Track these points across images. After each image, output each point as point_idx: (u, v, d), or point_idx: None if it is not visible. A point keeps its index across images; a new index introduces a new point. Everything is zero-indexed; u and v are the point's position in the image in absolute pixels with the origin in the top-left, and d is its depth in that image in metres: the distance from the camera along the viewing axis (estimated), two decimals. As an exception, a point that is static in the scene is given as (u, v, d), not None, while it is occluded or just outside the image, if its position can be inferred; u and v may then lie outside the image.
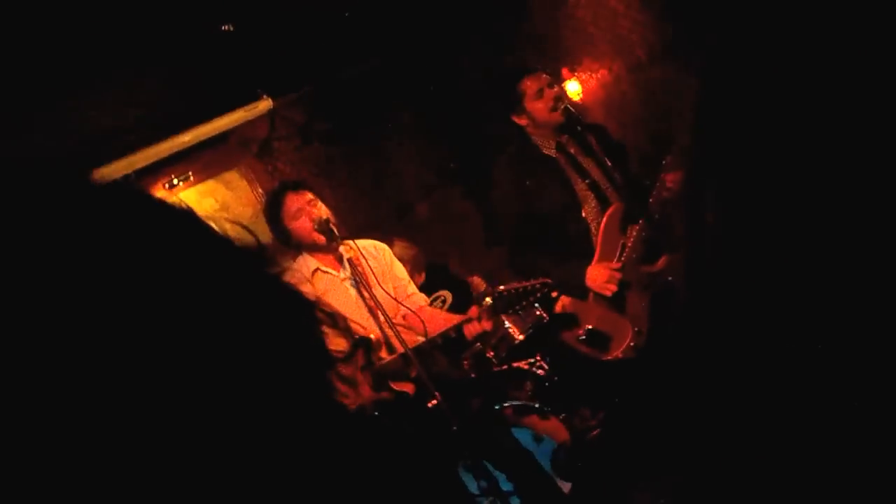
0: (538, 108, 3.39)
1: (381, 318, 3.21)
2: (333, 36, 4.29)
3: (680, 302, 3.61)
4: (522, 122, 3.46)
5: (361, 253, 3.33)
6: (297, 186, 3.32)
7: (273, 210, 3.29)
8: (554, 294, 3.28)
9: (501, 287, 3.18)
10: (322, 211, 3.23)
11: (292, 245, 3.38)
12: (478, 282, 4.33)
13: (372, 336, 3.19)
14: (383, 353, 3.21)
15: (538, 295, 3.16)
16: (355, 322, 3.25)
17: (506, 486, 3.26)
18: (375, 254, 3.46)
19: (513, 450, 3.40)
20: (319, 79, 4.54)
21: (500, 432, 3.43)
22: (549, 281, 3.15)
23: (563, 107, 3.41)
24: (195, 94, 4.23)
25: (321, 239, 3.18)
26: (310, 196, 3.26)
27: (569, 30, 4.37)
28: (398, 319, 3.39)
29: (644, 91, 4.16)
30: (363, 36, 4.32)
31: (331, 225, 3.20)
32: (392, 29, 4.35)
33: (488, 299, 3.18)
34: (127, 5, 3.62)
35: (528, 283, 3.15)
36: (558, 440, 3.65)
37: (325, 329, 3.39)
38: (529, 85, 3.39)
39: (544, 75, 3.43)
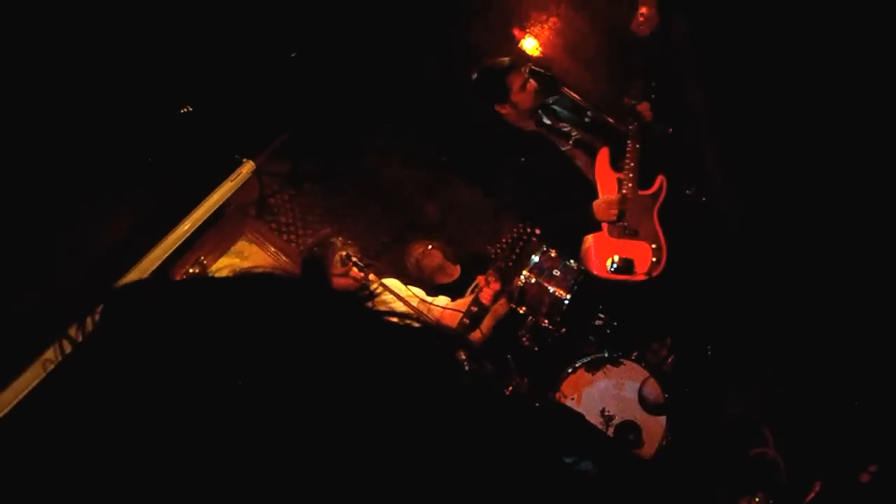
0: (523, 98, 3.83)
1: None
2: (289, 79, 4.30)
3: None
4: (505, 110, 3.89)
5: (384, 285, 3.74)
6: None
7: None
8: (537, 231, 3.61)
9: (490, 249, 3.63)
10: (342, 248, 3.69)
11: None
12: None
13: None
14: None
15: (525, 239, 3.58)
16: None
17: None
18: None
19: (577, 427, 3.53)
20: (289, 123, 4.56)
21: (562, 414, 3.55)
22: (522, 225, 3.60)
23: (538, 94, 3.86)
24: (178, 183, 4.25)
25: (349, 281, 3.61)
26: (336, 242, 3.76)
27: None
28: None
29: (597, 24, 4.16)
30: (317, 69, 4.34)
31: (352, 259, 3.64)
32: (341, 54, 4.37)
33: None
34: (88, 124, 3.66)
35: (510, 236, 3.60)
36: (638, 381, 3.68)
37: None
38: (514, 80, 3.81)
39: (522, 70, 3.82)
